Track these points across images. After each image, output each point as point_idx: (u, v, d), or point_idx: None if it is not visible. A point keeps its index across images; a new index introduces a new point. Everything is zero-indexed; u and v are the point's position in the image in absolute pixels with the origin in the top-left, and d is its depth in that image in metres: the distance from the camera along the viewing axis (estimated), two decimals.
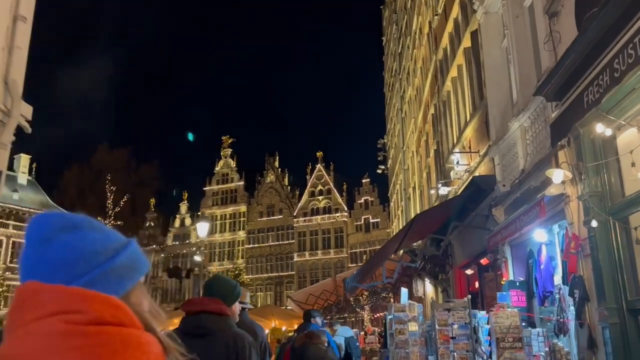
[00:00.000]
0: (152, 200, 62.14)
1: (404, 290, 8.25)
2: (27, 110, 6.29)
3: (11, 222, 52.17)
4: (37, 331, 0.80)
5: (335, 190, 55.35)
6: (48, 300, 0.83)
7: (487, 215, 8.02)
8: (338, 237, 54.23)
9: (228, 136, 62.22)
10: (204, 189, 62.00)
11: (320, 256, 54.14)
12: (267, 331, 21.16)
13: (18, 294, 0.86)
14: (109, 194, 33.32)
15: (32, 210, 50.76)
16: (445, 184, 10.64)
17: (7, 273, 46.07)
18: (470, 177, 8.71)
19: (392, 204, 29.08)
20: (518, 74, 7.65)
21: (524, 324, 6.80)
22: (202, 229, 14.43)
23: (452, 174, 9.53)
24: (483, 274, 9.69)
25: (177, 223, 62.02)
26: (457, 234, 9.68)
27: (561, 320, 6.22)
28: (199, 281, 33.65)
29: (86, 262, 0.87)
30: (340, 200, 54.93)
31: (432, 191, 12.64)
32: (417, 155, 17.50)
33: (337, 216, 54.48)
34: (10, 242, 51.29)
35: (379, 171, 28.83)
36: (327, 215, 54.98)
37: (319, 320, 6.87)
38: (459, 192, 9.31)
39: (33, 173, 59.83)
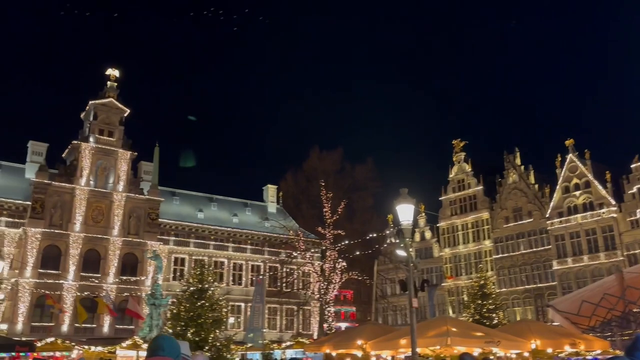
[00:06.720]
0: (390, 217, 60.80)
1: None
2: None
3: (265, 249, 55.82)
4: None
5: (596, 182, 46.05)
6: None
7: None
8: (607, 238, 44.77)
9: (459, 139, 57.88)
10: (440, 198, 58.27)
11: (587, 262, 45.22)
12: (526, 354, 16.19)
13: None
14: (324, 201, 31.86)
15: (281, 236, 53.58)
16: None
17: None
18: None
19: None
20: None
21: None
22: (405, 212, 10.83)
23: None
24: None
25: (417, 237, 59.34)
26: None
27: None
28: (433, 292, 30.17)
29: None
30: (604, 192, 45.46)
31: None
32: None
33: (603, 212, 45.07)
34: (267, 266, 54.66)
35: None
36: (589, 213, 46.00)
37: None
38: None
39: (280, 202, 64.01)
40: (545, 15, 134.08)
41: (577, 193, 47.15)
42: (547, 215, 48.42)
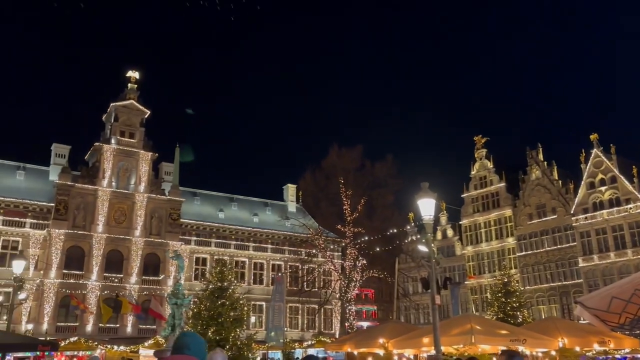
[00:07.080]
0: (411, 215, 60.30)
1: None
2: None
3: (286, 248, 55.74)
4: None
5: (622, 177, 45.04)
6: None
7: None
8: (635, 234, 43.76)
9: (480, 136, 57.20)
10: (462, 196, 57.61)
11: (614, 259, 44.24)
12: (553, 353, 15.78)
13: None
14: (344, 199, 31.53)
15: (302, 235, 53.40)
16: None
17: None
18: None
19: None
20: None
21: None
22: (426, 206, 10.51)
23: None
24: None
25: (438, 235, 58.76)
26: None
27: None
28: (456, 290, 29.73)
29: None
30: (631, 188, 44.45)
31: None
32: None
33: (630, 208, 44.07)
34: (288, 265, 54.51)
35: None
36: (615, 209, 45.03)
37: None
38: None
39: (300, 200, 63.84)
40: (566, 9, 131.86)
41: (603, 189, 46.14)
42: (572, 212, 47.50)
